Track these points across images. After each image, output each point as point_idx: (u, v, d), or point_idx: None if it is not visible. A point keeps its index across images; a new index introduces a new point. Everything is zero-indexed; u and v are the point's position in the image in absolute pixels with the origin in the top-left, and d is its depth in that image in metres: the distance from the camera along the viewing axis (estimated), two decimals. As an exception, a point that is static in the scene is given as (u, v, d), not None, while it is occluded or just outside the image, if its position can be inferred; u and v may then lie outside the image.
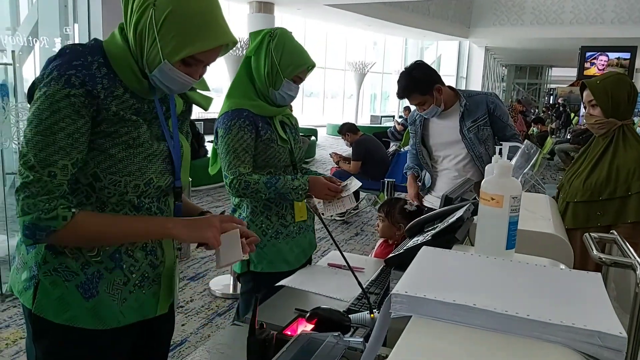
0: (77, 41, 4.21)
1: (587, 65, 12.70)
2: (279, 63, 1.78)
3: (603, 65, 12.68)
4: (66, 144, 1.04)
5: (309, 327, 1.26)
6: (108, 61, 1.11)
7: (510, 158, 1.52)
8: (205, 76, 1.25)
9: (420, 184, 2.90)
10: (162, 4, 1.05)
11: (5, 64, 3.69)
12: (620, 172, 2.03)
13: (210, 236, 1.17)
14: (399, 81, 2.58)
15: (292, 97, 1.86)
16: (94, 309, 1.16)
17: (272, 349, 1.09)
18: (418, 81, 2.51)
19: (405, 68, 2.61)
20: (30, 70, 4.36)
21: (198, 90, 1.29)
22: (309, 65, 1.85)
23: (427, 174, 2.82)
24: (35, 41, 3.79)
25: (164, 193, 1.24)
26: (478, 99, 2.61)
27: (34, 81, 1.06)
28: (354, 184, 1.88)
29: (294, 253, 1.93)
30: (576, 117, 17.05)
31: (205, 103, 1.29)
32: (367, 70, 16.59)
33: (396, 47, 20.42)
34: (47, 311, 1.15)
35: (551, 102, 24.38)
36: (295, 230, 1.94)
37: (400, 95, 2.59)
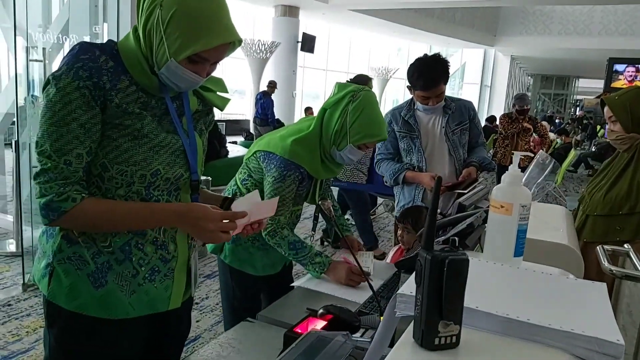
0: (105, 40, 4.27)
1: (615, 77, 12.48)
2: (350, 126, 1.72)
3: (631, 77, 12.45)
4: (80, 133, 1.10)
5: (319, 325, 1.28)
6: (118, 57, 1.16)
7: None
8: (226, 77, 1.28)
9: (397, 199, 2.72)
10: (167, 4, 1.09)
11: (37, 60, 3.79)
12: None
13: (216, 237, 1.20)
14: (429, 69, 2.42)
15: (352, 162, 1.83)
16: (102, 299, 1.19)
17: None
18: (447, 71, 2.45)
19: (429, 55, 2.49)
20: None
21: (217, 93, 1.34)
22: (380, 139, 1.81)
23: (404, 186, 2.64)
24: (66, 39, 3.88)
25: (174, 187, 1.26)
26: (461, 104, 2.61)
27: (48, 77, 1.12)
28: (368, 259, 1.89)
29: (262, 262, 1.92)
30: (602, 130, 16.76)
31: (221, 103, 1.34)
32: (390, 76, 16.55)
33: (420, 53, 20.35)
34: (59, 298, 1.19)
35: (577, 113, 23.98)
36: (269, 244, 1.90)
37: (434, 83, 2.41)
